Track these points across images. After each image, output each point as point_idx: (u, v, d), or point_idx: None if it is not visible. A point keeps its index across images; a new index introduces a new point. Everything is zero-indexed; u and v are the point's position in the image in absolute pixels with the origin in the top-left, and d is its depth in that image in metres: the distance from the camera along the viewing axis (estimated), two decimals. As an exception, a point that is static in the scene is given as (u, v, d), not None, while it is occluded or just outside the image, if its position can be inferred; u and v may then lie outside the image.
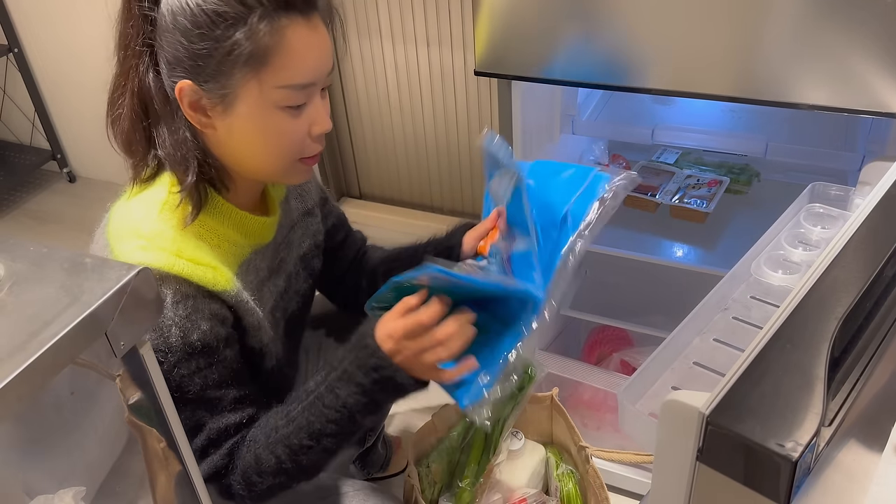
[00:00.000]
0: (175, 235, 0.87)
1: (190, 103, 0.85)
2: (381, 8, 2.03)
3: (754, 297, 0.90)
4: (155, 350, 0.82)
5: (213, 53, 0.83)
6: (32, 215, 2.60)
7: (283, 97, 0.85)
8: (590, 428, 1.55)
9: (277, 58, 0.84)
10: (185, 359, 0.85)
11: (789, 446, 0.52)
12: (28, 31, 2.45)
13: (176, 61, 0.84)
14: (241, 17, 0.82)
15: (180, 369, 0.86)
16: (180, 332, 0.84)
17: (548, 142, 1.36)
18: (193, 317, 0.85)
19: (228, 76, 0.84)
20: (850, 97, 0.94)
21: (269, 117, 0.86)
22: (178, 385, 0.86)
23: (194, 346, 0.85)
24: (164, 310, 0.84)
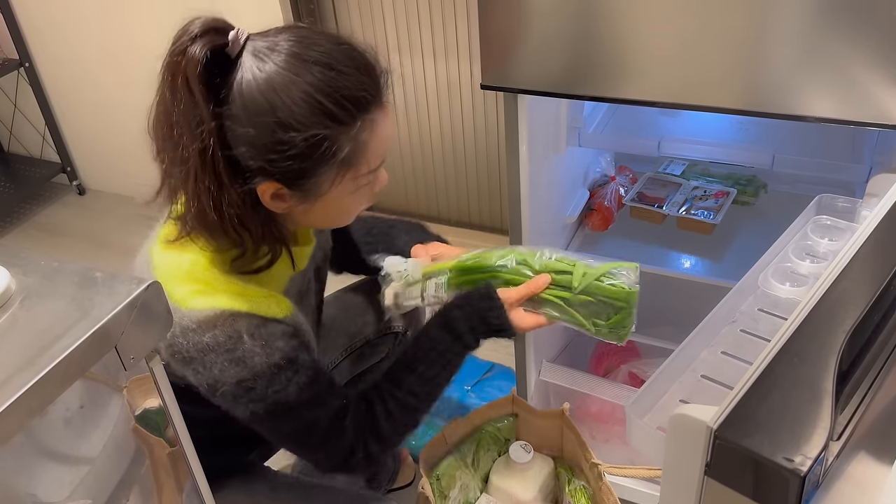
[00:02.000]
0: (228, 278, 0.89)
1: (271, 196, 0.86)
2: (388, 21, 2.04)
3: (762, 310, 0.90)
4: (239, 382, 0.87)
5: (307, 163, 0.83)
6: (42, 228, 2.62)
7: (367, 179, 0.89)
8: (598, 440, 1.54)
9: (368, 151, 0.86)
10: (275, 376, 0.89)
11: (798, 460, 0.52)
12: (38, 45, 2.48)
13: (259, 166, 0.82)
14: (347, 123, 0.83)
15: (272, 387, 0.89)
16: (263, 357, 0.88)
17: (554, 154, 1.36)
18: (270, 341, 0.88)
19: (318, 179, 0.85)
20: (857, 109, 0.94)
21: (347, 200, 0.90)
22: (275, 402, 0.89)
23: (279, 364, 0.89)
24: (242, 344, 0.87)
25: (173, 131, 0.82)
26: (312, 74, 0.81)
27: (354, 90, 0.83)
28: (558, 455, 1.43)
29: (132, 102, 2.47)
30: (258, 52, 0.81)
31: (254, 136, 0.81)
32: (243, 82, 0.80)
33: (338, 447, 0.97)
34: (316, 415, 0.94)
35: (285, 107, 0.79)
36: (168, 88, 0.81)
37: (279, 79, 0.80)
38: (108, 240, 2.50)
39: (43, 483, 0.73)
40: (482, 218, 2.30)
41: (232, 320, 0.87)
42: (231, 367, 0.87)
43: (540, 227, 1.35)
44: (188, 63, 0.79)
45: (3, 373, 0.61)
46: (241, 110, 0.80)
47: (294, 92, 0.80)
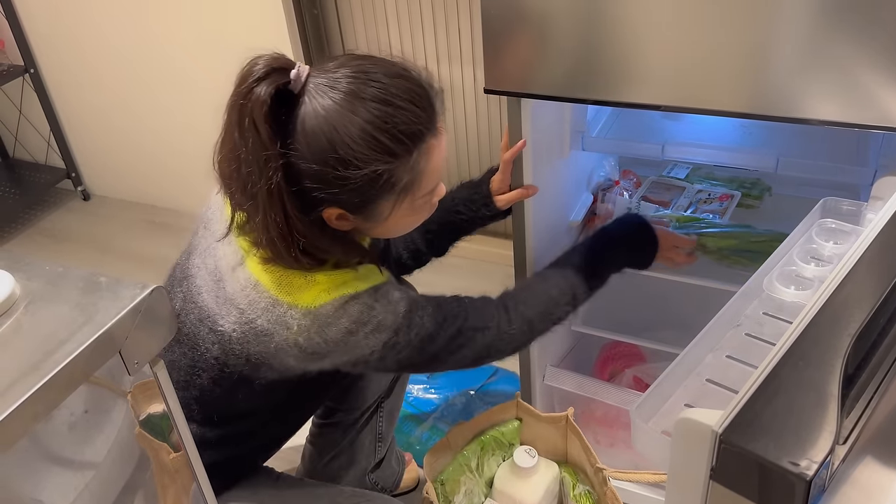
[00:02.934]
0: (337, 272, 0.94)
1: (336, 218, 0.91)
2: (391, 26, 2.05)
3: (767, 314, 0.89)
4: (385, 344, 0.94)
5: (368, 194, 0.88)
6: (47, 233, 2.63)
7: (424, 200, 0.95)
8: (603, 445, 1.54)
9: (425, 177, 0.91)
10: (410, 322, 0.95)
11: (803, 465, 0.52)
12: (43, 51, 2.49)
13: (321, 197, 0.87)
14: (404, 156, 0.88)
15: (413, 330, 0.96)
16: (393, 314, 0.94)
17: (558, 158, 1.36)
18: (391, 299, 0.95)
19: (378, 203, 0.90)
20: (862, 112, 0.94)
21: (408, 216, 0.96)
22: (420, 340, 0.97)
23: (408, 311, 0.96)
24: (374, 312, 0.93)
25: (241, 169, 0.86)
26: (369, 112, 0.85)
27: (410, 124, 0.87)
28: (562, 459, 1.42)
29: (136, 108, 2.48)
30: (319, 89, 0.86)
31: (317, 171, 0.85)
32: (306, 120, 0.85)
33: (491, 326, 1.04)
34: (456, 320, 1.01)
35: (345, 144, 0.84)
36: (236, 129, 0.84)
37: (338, 117, 0.84)
38: (113, 245, 2.51)
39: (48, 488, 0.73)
40: (486, 222, 2.30)
41: (357, 298, 0.93)
42: (374, 336, 0.93)
43: (543, 230, 1.35)
44: (254, 105, 0.82)
45: (8, 377, 0.61)
46: (304, 147, 0.85)
47: (352, 129, 0.84)
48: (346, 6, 2.07)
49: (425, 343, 0.98)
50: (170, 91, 2.34)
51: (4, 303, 0.68)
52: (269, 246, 0.90)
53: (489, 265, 2.23)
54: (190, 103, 2.33)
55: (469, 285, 2.15)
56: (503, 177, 1.22)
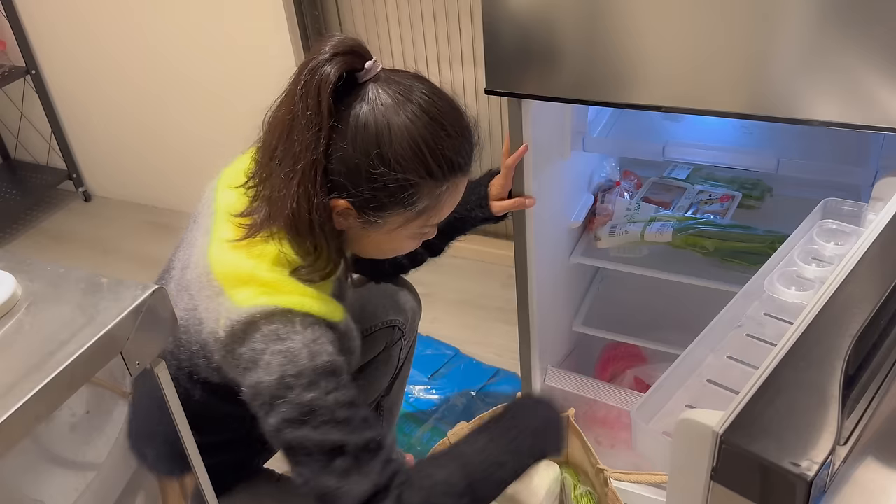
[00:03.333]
0: (291, 281, 0.91)
1: (338, 213, 0.91)
2: (391, 26, 2.05)
3: (768, 314, 0.89)
4: (283, 377, 0.87)
5: (387, 200, 0.89)
6: (48, 234, 2.63)
7: (424, 230, 0.97)
8: (604, 446, 1.54)
9: (440, 208, 0.94)
10: (315, 380, 0.88)
11: (804, 465, 0.52)
12: (45, 53, 2.49)
13: (342, 183, 0.88)
14: (437, 179, 0.90)
15: (311, 391, 0.88)
16: (309, 354, 0.88)
17: (559, 159, 1.36)
18: (321, 340, 0.90)
19: (388, 216, 0.91)
20: (863, 113, 0.94)
21: (402, 239, 0.97)
22: (309, 408, 0.88)
23: (323, 369, 0.88)
24: (294, 337, 0.88)
25: (292, 133, 0.87)
26: (424, 126, 0.88)
27: (455, 154, 0.91)
28: (563, 460, 1.42)
29: (138, 109, 2.48)
30: (386, 88, 0.88)
31: (351, 157, 0.87)
32: (363, 108, 0.87)
33: (359, 484, 0.89)
34: (345, 439, 0.89)
35: (391, 144, 0.86)
36: (299, 92, 0.86)
37: (396, 119, 0.87)
38: (114, 246, 2.51)
39: (49, 489, 0.73)
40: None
41: (290, 314, 0.89)
42: (277, 358, 0.87)
43: (545, 232, 1.35)
44: (324, 77, 0.85)
45: (10, 378, 0.61)
46: (351, 131, 0.87)
47: (404, 134, 0.87)
48: (346, 7, 2.08)
49: (308, 417, 0.87)
50: (171, 92, 2.34)
51: (6, 304, 0.68)
52: (293, 217, 0.89)
53: (490, 266, 2.24)
54: (191, 104, 2.33)
55: (470, 286, 2.16)
56: (504, 182, 1.22)
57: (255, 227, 0.92)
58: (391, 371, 1.40)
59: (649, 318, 1.60)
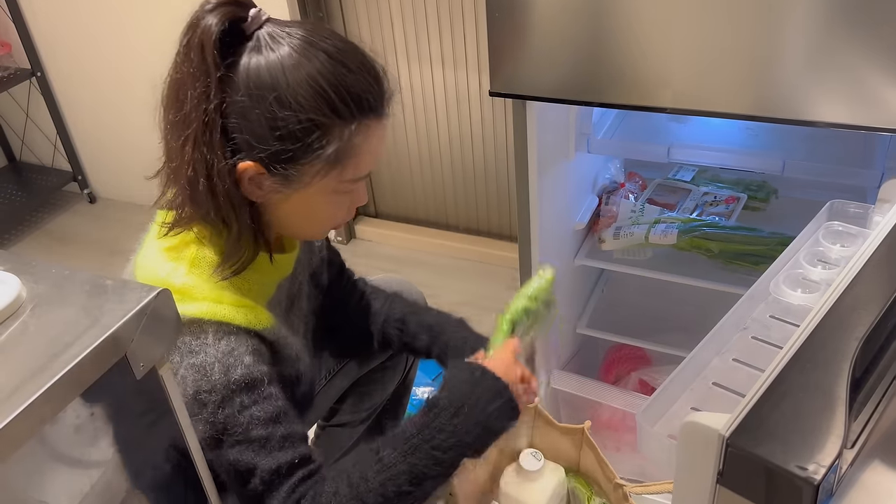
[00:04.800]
0: (208, 286, 0.87)
1: (249, 179, 0.84)
2: (396, 29, 2.05)
3: (774, 317, 0.89)
4: (198, 392, 0.83)
5: (295, 148, 0.82)
6: (53, 236, 2.63)
7: (346, 187, 0.88)
8: (609, 449, 1.53)
9: (356, 157, 0.86)
10: (230, 396, 0.84)
11: (811, 469, 0.52)
12: (50, 55, 2.50)
13: (246, 141, 0.82)
14: (344, 118, 0.83)
15: (225, 408, 0.84)
16: (223, 368, 0.84)
17: (563, 160, 1.36)
18: (236, 351, 0.85)
19: (301, 168, 0.84)
20: (869, 114, 0.94)
21: (324, 202, 0.89)
22: (223, 426, 0.84)
23: (238, 383, 0.84)
24: (206, 349, 0.84)
25: (179, 94, 0.83)
26: (322, 63, 0.81)
27: (359, 90, 0.83)
28: (573, 469, 1.42)
29: (142, 111, 2.48)
30: (274, 33, 0.83)
31: (248, 108, 0.81)
32: (253, 57, 0.81)
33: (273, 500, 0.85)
34: (255, 461, 0.84)
35: (288, 86, 0.80)
36: (182, 51, 0.82)
37: (288, 59, 0.81)
38: (119, 248, 2.52)
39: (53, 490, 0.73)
40: (491, 225, 2.30)
41: (201, 323, 0.85)
42: (191, 373, 0.83)
43: (549, 233, 1.35)
44: (205, 28, 0.80)
45: (15, 380, 0.61)
46: (243, 82, 0.81)
47: (300, 74, 0.80)
48: (351, 11, 2.08)
49: (222, 435, 0.84)
50: (176, 94, 2.35)
51: (11, 305, 0.68)
52: (191, 187, 0.84)
53: (494, 267, 2.24)
54: (196, 106, 2.34)
55: (474, 288, 2.16)
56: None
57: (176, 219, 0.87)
58: (398, 376, 1.40)
59: (654, 321, 1.60)
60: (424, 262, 2.28)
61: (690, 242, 1.42)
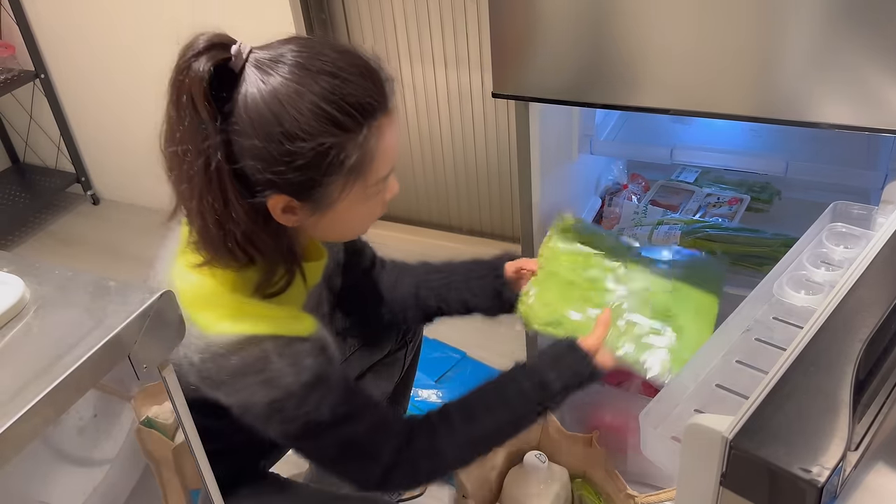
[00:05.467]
0: (252, 302, 0.89)
1: (282, 210, 0.85)
2: (398, 30, 2.05)
3: (777, 318, 0.89)
4: (273, 401, 0.86)
5: (315, 173, 0.82)
6: (57, 238, 2.64)
7: (375, 189, 0.89)
8: (612, 451, 1.53)
9: (375, 160, 0.86)
10: (306, 395, 0.87)
11: (815, 471, 0.51)
12: (54, 57, 2.50)
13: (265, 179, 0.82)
14: (353, 130, 0.83)
15: (305, 407, 0.87)
16: (293, 376, 0.86)
17: (566, 161, 1.36)
18: (298, 360, 0.87)
19: (327, 189, 0.84)
20: (872, 116, 0.94)
21: (358, 208, 0.89)
22: (306, 422, 0.88)
23: (310, 383, 0.87)
24: (270, 365, 0.86)
25: (178, 150, 0.82)
26: (317, 84, 0.80)
27: (360, 97, 0.83)
28: (579, 475, 1.42)
29: (146, 113, 2.49)
30: (261, 65, 0.81)
31: (260, 149, 0.80)
32: (248, 95, 0.80)
33: (378, 462, 0.94)
34: (353, 429, 0.92)
35: (291, 117, 0.79)
36: (173, 106, 0.81)
37: (284, 90, 0.80)
38: (123, 249, 2.52)
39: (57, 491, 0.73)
40: (493, 226, 2.30)
41: (258, 342, 0.86)
42: (261, 389, 0.86)
43: (552, 235, 1.34)
44: (192, 80, 0.79)
45: (19, 381, 0.61)
46: (246, 123, 0.80)
47: (299, 102, 0.80)
48: (354, 11, 2.08)
49: (311, 429, 0.89)
50: (179, 96, 2.35)
51: (15, 307, 0.69)
52: (204, 236, 0.85)
53: (497, 269, 2.23)
54: (199, 108, 2.35)
55: (477, 289, 2.15)
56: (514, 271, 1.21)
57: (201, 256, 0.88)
58: (396, 374, 1.40)
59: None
60: (427, 264, 2.28)
61: (694, 244, 1.42)
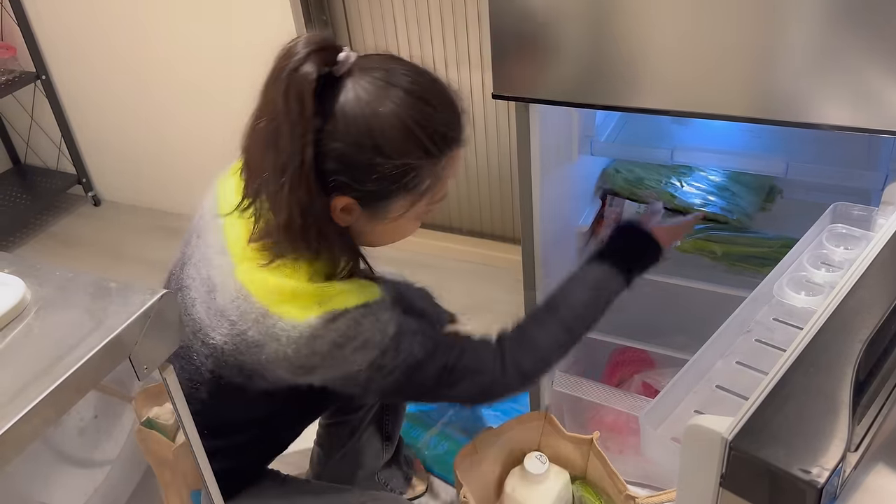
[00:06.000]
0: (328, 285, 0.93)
1: (342, 209, 0.90)
2: (399, 30, 2.05)
3: (777, 319, 0.89)
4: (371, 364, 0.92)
5: (391, 188, 0.89)
6: (58, 239, 2.64)
7: (430, 209, 0.95)
8: (612, 451, 1.53)
9: (442, 185, 0.93)
10: (397, 345, 0.92)
11: (814, 472, 0.51)
12: (55, 58, 2.51)
13: (344, 183, 0.87)
14: (435, 157, 0.89)
15: (401, 354, 0.93)
16: (381, 334, 0.92)
17: (566, 163, 1.36)
18: (380, 317, 0.93)
19: (395, 201, 0.91)
20: (872, 117, 0.93)
21: (408, 223, 0.97)
22: (408, 366, 0.93)
23: (397, 333, 0.93)
24: (361, 329, 0.91)
25: (277, 142, 0.85)
26: (412, 107, 0.87)
27: (447, 129, 0.90)
28: (581, 477, 1.42)
29: (147, 114, 2.49)
30: (366, 76, 0.87)
31: (347, 154, 0.86)
32: (347, 103, 0.85)
33: (484, 373, 1.00)
34: (449, 356, 0.97)
35: (383, 133, 0.85)
36: (281, 100, 0.84)
37: (382, 106, 0.85)
38: (123, 251, 2.52)
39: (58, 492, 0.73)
40: (494, 227, 2.30)
41: (344, 314, 0.91)
42: (359, 353, 0.91)
43: (552, 236, 1.34)
44: (303, 79, 0.83)
45: (19, 382, 0.61)
46: (340, 128, 0.85)
47: (394, 120, 0.86)
48: (354, 12, 2.08)
49: (413, 370, 0.95)
50: (180, 97, 2.35)
51: (16, 308, 0.69)
52: (286, 227, 0.89)
53: (497, 269, 2.23)
54: (200, 109, 2.34)
55: (478, 290, 2.15)
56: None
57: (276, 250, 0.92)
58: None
59: (657, 323, 1.59)
60: (428, 265, 2.28)
61: (694, 245, 1.42)
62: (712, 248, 1.40)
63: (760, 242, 1.39)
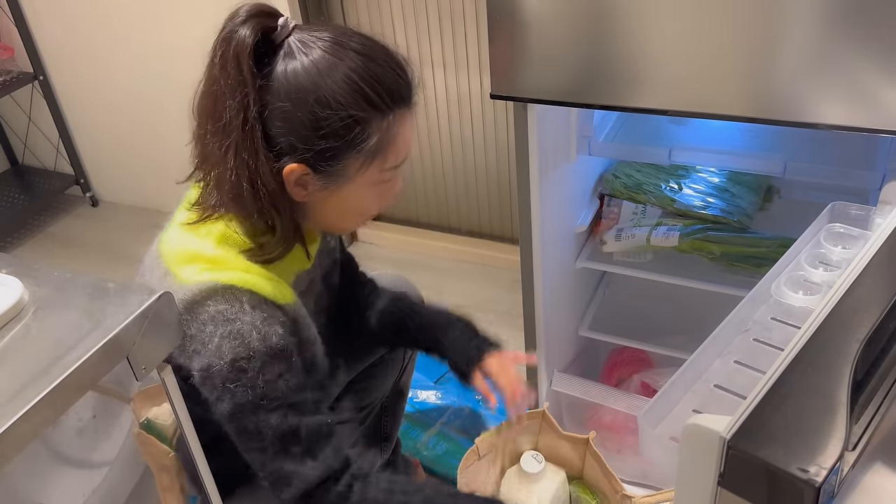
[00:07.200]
0: (237, 257, 0.91)
1: (295, 181, 0.89)
2: (397, 31, 2.05)
3: (775, 319, 0.89)
4: (236, 360, 0.86)
5: (339, 144, 0.87)
6: (56, 239, 2.64)
7: (386, 176, 0.94)
8: (610, 451, 1.53)
9: (394, 146, 0.91)
10: (269, 362, 0.88)
11: (812, 471, 0.52)
12: (53, 59, 2.50)
13: (290, 144, 0.87)
14: (381, 110, 0.88)
15: (264, 374, 0.88)
16: (260, 335, 0.87)
17: (564, 163, 1.36)
18: (269, 321, 0.89)
19: (346, 164, 0.89)
20: (870, 116, 0.94)
21: (364, 194, 0.94)
22: (263, 393, 0.88)
23: (275, 349, 0.88)
24: (242, 317, 0.87)
25: (217, 105, 0.86)
26: (354, 61, 0.86)
27: (391, 82, 0.89)
28: (576, 476, 1.42)
29: (145, 115, 2.49)
30: (303, 39, 0.87)
31: (291, 112, 0.85)
32: (288, 63, 0.85)
33: (314, 469, 0.91)
34: (298, 423, 0.90)
35: (326, 86, 0.85)
36: (218, 65, 0.86)
37: (323, 62, 0.85)
38: (121, 251, 2.52)
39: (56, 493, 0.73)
40: (492, 228, 2.30)
41: (234, 292, 0.88)
42: (228, 341, 0.86)
43: (550, 236, 1.35)
44: (239, 42, 0.84)
45: (17, 382, 0.61)
46: (283, 87, 0.85)
47: (336, 74, 0.85)
48: (352, 14, 2.08)
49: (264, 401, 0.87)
50: (178, 98, 2.35)
51: (13, 308, 0.69)
52: (235, 192, 0.87)
53: (495, 270, 2.24)
54: (198, 109, 2.35)
55: (476, 290, 2.16)
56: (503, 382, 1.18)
57: (205, 210, 0.92)
58: (395, 372, 1.40)
59: (656, 323, 1.59)
60: (426, 265, 2.29)
61: (692, 245, 1.42)
62: (710, 248, 1.41)
63: (758, 242, 1.39)
